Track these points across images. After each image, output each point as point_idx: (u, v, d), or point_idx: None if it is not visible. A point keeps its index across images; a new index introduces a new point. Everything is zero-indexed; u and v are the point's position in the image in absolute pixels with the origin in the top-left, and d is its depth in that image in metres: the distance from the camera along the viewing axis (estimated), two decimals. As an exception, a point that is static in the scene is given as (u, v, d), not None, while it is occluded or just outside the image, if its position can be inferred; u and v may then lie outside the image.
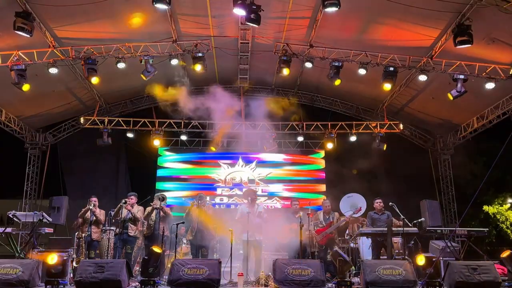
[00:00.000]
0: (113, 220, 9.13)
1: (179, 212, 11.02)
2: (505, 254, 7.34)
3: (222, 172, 13.88)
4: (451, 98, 10.04)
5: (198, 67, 10.24)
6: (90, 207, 8.56)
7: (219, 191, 13.76)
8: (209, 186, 13.87)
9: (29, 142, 13.45)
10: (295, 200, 9.55)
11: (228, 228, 7.89)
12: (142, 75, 10.13)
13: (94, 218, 8.62)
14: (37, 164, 13.59)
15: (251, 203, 8.27)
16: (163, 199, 8.55)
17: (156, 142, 12.88)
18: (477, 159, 16.29)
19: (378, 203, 8.71)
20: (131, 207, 8.49)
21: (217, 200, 13.62)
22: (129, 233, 8.38)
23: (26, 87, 9.56)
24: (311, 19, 9.64)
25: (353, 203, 11.04)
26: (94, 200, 8.74)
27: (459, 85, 9.67)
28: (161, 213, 8.41)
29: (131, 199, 8.59)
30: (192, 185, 13.80)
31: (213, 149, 13.35)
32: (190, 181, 13.90)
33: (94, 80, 10.03)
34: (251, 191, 8.68)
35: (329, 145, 12.97)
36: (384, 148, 12.64)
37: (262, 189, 13.67)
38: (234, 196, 13.68)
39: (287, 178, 13.99)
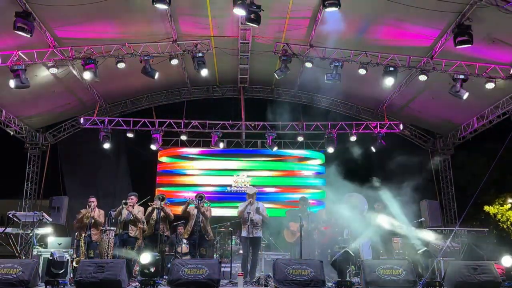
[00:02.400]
0: (113, 221, 9.14)
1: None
2: (507, 262, 7.16)
3: (223, 171, 13.99)
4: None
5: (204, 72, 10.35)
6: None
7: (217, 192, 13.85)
8: (210, 186, 13.93)
9: (29, 142, 13.44)
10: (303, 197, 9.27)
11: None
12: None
13: (93, 221, 8.59)
14: (37, 164, 13.59)
15: (251, 202, 8.27)
16: (163, 199, 8.55)
17: (153, 147, 12.88)
18: (477, 159, 16.30)
19: (377, 206, 8.78)
20: (132, 207, 8.48)
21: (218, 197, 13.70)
22: (129, 234, 8.38)
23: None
24: (311, 19, 9.64)
25: (354, 203, 11.02)
26: (93, 200, 8.72)
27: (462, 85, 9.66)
28: (162, 213, 8.42)
29: (132, 199, 8.59)
30: (192, 185, 13.87)
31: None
32: (190, 181, 13.95)
33: (87, 75, 9.86)
34: (251, 190, 8.67)
35: (330, 149, 12.92)
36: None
37: (260, 190, 13.71)
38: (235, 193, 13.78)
39: (287, 178, 14.03)
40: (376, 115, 13.91)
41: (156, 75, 10.19)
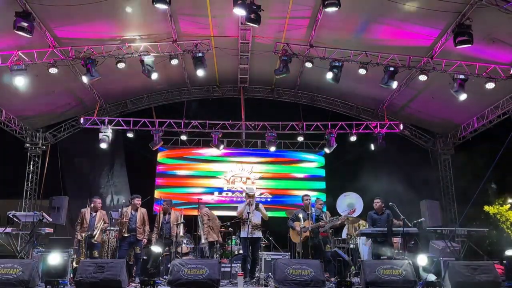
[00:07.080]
0: (113, 220, 9.15)
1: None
2: None
3: (223, 171, 14.01)
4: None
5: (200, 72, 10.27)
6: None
7: (217, 193, 13.89)
8: (209, 187, 13.94)
9: (29, 142, 13.44)
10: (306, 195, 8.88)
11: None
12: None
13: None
14: (37, 164, 13.58)
15: (250, 203, 8.26)
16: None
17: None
18: (477, 159, 16.27)
19: (377, 203, 8.68)
20: (134, 210, 8.52)
21: (218, 198, 13.71)
22: (137, 237, 8.40)
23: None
24: (311, 19, 9.64)
25: (349, 202, 11.04)
26: (99, 201, 8.73)
27: (464, 86, 9.66)
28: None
29: (137, 201, 8.61)
30: (193, 186, 13.88)
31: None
32: (191, 181, 13.96)
33: (84, 79, 9.91)
34: (251, 191, 8.65)
35: (330, 150, 12.84)
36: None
37: (259, 189, 13.75)
38: (234, 193, 13.82)
39: (287, 179, 14.06)
40: (376, 115, 13.91)
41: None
